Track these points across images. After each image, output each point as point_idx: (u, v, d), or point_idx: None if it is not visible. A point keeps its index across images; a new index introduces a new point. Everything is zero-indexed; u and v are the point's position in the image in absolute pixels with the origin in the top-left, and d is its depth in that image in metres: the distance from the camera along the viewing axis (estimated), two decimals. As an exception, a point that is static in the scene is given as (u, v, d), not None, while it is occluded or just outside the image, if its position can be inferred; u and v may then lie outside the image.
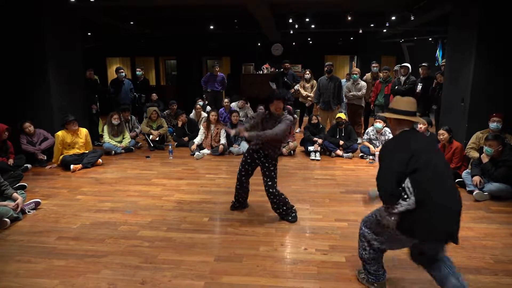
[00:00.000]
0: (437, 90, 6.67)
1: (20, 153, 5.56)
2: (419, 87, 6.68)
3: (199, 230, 3.47)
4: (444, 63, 6.51)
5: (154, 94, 9.51)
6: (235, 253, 3.03)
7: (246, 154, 3.77)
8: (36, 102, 6.02)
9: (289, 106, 8.31)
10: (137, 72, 8.96)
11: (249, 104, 8.77)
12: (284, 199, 3.63)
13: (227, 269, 2.80)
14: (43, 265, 2.87)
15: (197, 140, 6.69)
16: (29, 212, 3.88)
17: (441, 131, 5.07)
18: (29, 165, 5.59)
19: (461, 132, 5.36)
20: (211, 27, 9.92)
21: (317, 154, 6.24)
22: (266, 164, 3.59)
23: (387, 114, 2.46)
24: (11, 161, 5.21)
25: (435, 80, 6.83)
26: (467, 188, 4.49)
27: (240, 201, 3.98)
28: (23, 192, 4.16)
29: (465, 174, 4.59)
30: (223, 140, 6.63)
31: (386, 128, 6.29)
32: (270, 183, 3.58)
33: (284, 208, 3.64)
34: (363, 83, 7.53)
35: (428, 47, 11.64)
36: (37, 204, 4.05)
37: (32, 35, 5.85)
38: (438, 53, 10.65)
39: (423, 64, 6.78)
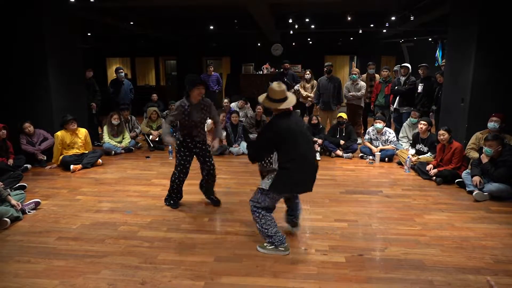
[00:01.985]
0: (436, 90, 6.67)
1: (20, 153, 5.56)
2: (420, 87, 6.67)
3: (199, 231, 3.47)
4: (444, 63, 6.51)
5: (154, 95, 9.51)
6: (235, 254, 3.03)
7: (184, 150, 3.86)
8: (36, 102, 6.02)
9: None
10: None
11: (249, 105, 8.77)
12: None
13: (227, 269, 2.80)
14: (43, 265, 2.87)
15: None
16: (29, 212, 3.87)
17: (441, 131, 5.07)
18: (29, 165, 5.59)
19: (461, 133, 5.37)
20: (211, 27, 9.92)
21: (317, 154, 6.24)
22: (203, 147, 3.89)
23: (266, 104, 3.02)
24: (10, 161, 5.21)
25: (434, 80, 6.83)
26: (467, 188, 4.49)
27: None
28: (22, 192, 4.16)
29: (465, 174, 4.60)
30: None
31: (387, 128, 6.30)
32: (211, 159, 3.96)
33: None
34: (362, 83, 7.54)
35: (428, 47, 11.64)
36: (37, 204, 4.05)
37: (32, 35, 5.85)
38: (438, 53, 10.64)
39: (423, 64, 6.78)
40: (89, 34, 11.19)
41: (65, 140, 5.64)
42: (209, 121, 6.03)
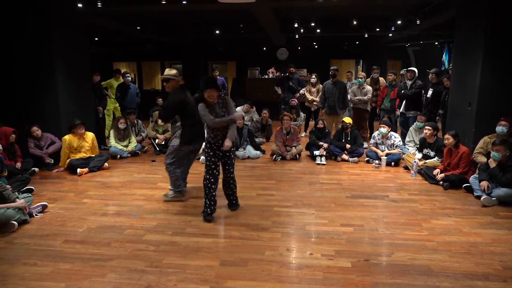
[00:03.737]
0: (443, 94, 6.63)
1: (27, 156, 5.61)
2: (430, 92, 6.63)
3: (204, 234, 3.47)
4: (451, 67, 6.48)
5: (159, 99, 9.56)
6: (240, 258, 3.03)
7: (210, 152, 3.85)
8: (44, 106, 6.08)
9: (295, 100, 8.31)
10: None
11: (254, 109, 8.79)
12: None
13: (232, 273, 2.79)
14: (49, 268, 2.88)
15: (202, 145, 6.69)
16: (36, 215, 3.90)
17: (446, 136, 5.03)
18: (36, 169, 5.63)
19: (468, 137, 5.32)
20: (217, 31, 9.98)
21: (323, 158, 6.22)
22: (228, 154, 3.88)
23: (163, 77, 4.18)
24: (18, 165, 5.26)
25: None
26: (474, 193, 4.45)
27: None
28: (30, 195, 4.19)
29: (472, 179, 4.55)
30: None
31: (392, 133, 6.27)
32: (232, 170, 3.97)
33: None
34: (368, 88, 7.52)
35: (435, 51, 11.60)
36: (44, 207, 4.07)
37: (41, 39, 5.92)
38: (445, 57, 10.61)
39: (434, 69, 6.74)
40: (96, 38, 11.31)
41: (72, 144, 5.68)
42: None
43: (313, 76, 8.62)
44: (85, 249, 3.19)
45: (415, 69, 6.97)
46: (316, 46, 13.12)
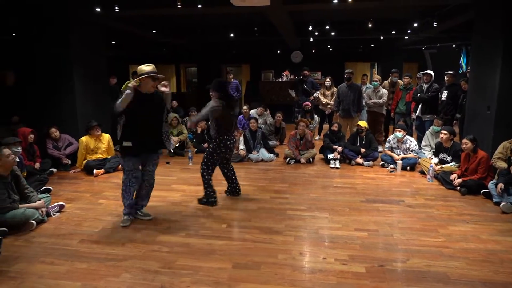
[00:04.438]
0: (461, 97, 6.50)
1: (46, 157, 5.75)
2: (445, 94, 6.51)
3: (218, 237, 3.48)
4: (469, 70, 6.35)
5: (174, 101, 9.66)
6: (253, 261, 3.02)
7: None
8: (62, 107, 6.22)
9: (309, 104, 8.29)
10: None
11: (268, 111, 8.79)
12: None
13: (245, 276, 2.79)
14: (66, 267, 2.94)
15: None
16: (53, 214, 3.99)
17: (464, 140, 4.92)
18: (54, 169, 5.76)
19: (486, 141, 5.20)
20: (231, 34, 10.03)
21: (337, 162, 6.17)
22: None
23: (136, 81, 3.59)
24: (37, 165, 5.39)
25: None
26: (493, 199, 4.33)
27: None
28: (48, 195, 4.28)
29: (491, 185, 4.44)
30: (241, 146, 6.66)
31: (408, 137, 6.18)
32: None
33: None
34: (384, 91, 7.43)
35: (452, 53, 11.39)
36: (61, 207, 4.16)
37: (59, 43, 6.06)
38: (462, 60, 10.41)
39: (449, 71, 6.62)
40: (113, 42, 11.51)
41: (89, 145, 5.79)
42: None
43: (328, 79, 8.58)
44: (101, 249, 3.24)
45: (432, 72, 6.85)
46: (330, 49, 13.05)
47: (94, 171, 5.57)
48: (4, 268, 2.90)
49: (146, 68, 3.65)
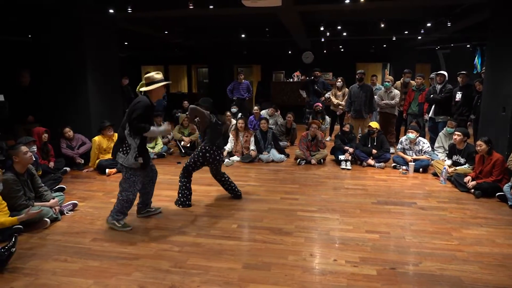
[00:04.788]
0: (475, 98, 6.39)
1: (60, 156, 5.84)
2: (459, 95, 6.40)
3: (228, 237, 3.49)
4: (484, 71, 6.24)
5: (185, 102, 9.72)
6: (263, 261, 3.02)
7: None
8: (75, 108, 6.32)
9: (320, 105, 8.25)
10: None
11: (279, 112, 8.78)
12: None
13: (255, 277, 2.79)
14: (78, 264, 2.98)
15: (227, 147, 6.75)
16: (67, 213, 4.05)
17: (478, 142, 4.84)
18: (67, 168, 5.85)
19: (502, 143, 5.10)
20: (242, 35, 10.05)
21: (348, 163, 6.12)
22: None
23: (145, 89, 3.56)
24: (51, 164, 5.48)
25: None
26: (509, 202, 4.25)
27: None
28: (62, 194, 4.36)
29: (506, 187, 4.35)
30: (252, 147, 6.66)
31: (420, 138, 6.10)
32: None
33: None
34: (396, 92, 7.34)
35: (466, 54, 11.20)
36: (75, 205, 4.23)
37: (73, 44, 6.16)
38: (477, 60, 10.24)
39: (462, 72, 6.52)
40: (125, 43, 11.64)
41: (101, 145, 5.87)
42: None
43: (339, 80, 8.53)
44: (112, 247, 3.28)
45: (445, 73, 6.75)
46: (342, 50, 12.96)
47: (107, 170, 5.65)
48: (19, 264, 2.96)
49: (157, 76, 3.63)
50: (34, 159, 4.44)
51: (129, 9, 6.39)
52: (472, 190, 4.71)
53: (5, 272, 2.84)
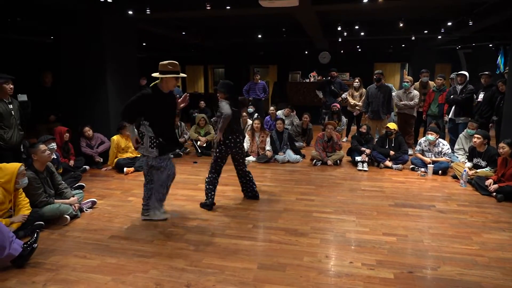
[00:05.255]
0: (498, 99, 6.21)
1: (79, 155, 5.98)
2: (481, 96, 6.23)
3: (243, 237, 3.50)
4: (507, 71, 6.06)
5: (202, 102, 9.80)
6: (278, 262, 3.01)
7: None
8: (95, 108, 6.47)
9: (337, 105, 8.19)
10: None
11: (295, 112, 8.75)
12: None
13: (270, 277, 2.79)
14: (97, 261, 3.04)
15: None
16: (86, 210, 4.14)
17: (501, 144, 4.70)
18: (87, 167, 5.98)
19: (526, 146, 4.93)
20: (259, 35, 10.06)
21: (365, 164, 6.05)
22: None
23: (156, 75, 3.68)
24: (72, 163, 5.62)
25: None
26: (532, 206, 4.12)
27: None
28: (81, 191, 4.46)
29: (530, 191, 4.22)
30: (268, 147, 6.66)
31: (440, 140, 5.97)
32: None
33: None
34: (415, 92, 7.20)
35: (488, 53, 10.90)
36: (93, 203, 4.32)
37: (93, 45, 6.31)
38: (500, 60, 9.96)
39: (485, 72, 6.34)
40: (144, 44, 11.82)
41: (120, 144, 5.97)
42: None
43: (356, 80, 8.44)
44: (130, 245, 3.33)
45: (466, 73, 6.58)
46: (359, 50, 12.81)
47: (125, 169, 5.74)
48: (41, 260, 3.04)
49: (170, 66, 3.68)
50: (54, 156, 4.56)
51: (148, 10, 6.49)
52: (494, 194, 4.58)
53: (27, 267, 2.93)
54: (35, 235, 3.07)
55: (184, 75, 3.94)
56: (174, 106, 3.87)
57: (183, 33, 9.96)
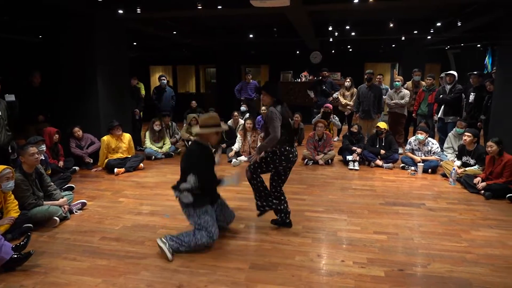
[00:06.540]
0: (486, 99, 6.30)
1: (69, 156, 5.91)
2: (472, 96, 6.32)
3: (235, 237, 3.49)
4: (494, 71, 6.15)
5: (193, 102, 9.76)
6: (270, 262, 3.02)
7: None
8: (85, 108, 6.39)
9: (329, 105, 8.22)
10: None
11: (286, 112, 8.75)
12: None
13: (262, 277, 2.79)
14: (87, 263, 3.01)
15: (235, 147, 6.76)
16: (76, 212, 4.09)
17: (489, 143, 4.77)
18: (77, 168, 5.91)
19: (513, 144, 5.03)
20: (250, 35, 10.05)
21: (356, 163, 6.09)
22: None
23: (200, 131, 3.31)
24: (61, 163, 5.55)
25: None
26: (520, 204, 4.19)
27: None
28: (71, 193, 4.41)
29: (517, 189, 4.29)
30: (260, 147, 6.65)
31: (430, 139, 6.04)
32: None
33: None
34: (406, 91, 7.27)
35: (476, 53, 11.05)
36: (83, 204, 4.27)
37: (83, 44, 6.23)
38: (488, 60, 10.09)
39: (474, 72, 6.42)
40: (134, 43, 11.72)
41: (110, 144, 5.92)
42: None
43: (348, 80, 8.48)
44: (121, 246, 3.30)
45: (455, 73, 6.67)
46: (350, 50, 12.88)
47: (115, 170, 5.69)
48: (30, 262, 2.99)
49: (211, 121, 3.31)
50: (43, 158, 4.50)
51: (138, 9, 6.44)
52: (482, 192, 4.66)
53: (15, 270, 2.88)
54: (26, 239, 3.03)
55: (226, 127, 3.58)
56: (213, 157, 3.48)
57: (174, 32, 9.91)
